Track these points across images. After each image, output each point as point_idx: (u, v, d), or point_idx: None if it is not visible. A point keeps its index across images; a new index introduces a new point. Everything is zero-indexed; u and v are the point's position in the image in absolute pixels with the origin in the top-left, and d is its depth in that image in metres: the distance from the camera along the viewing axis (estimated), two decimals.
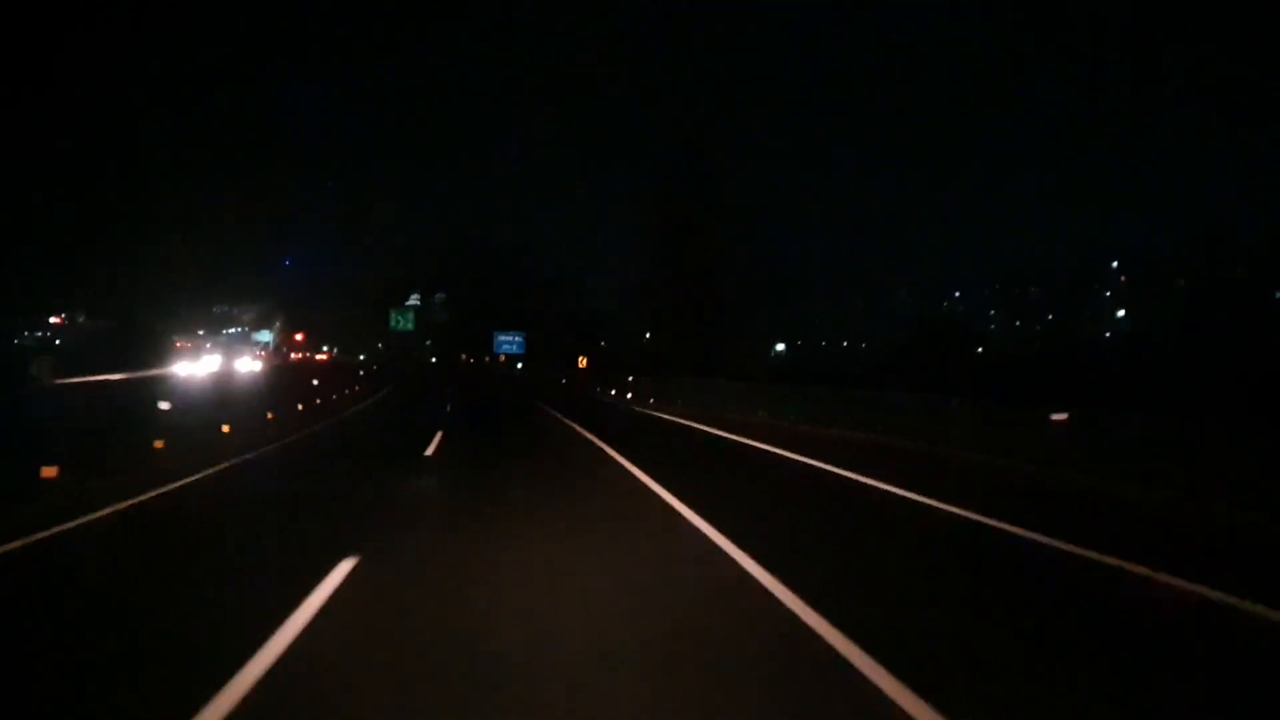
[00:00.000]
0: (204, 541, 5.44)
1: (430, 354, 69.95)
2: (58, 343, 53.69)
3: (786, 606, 3.66)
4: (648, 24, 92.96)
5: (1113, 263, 69.72)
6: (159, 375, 23.55)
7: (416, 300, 70.41)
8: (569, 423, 16.01)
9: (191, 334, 55.53)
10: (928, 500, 6.67)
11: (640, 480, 7.87)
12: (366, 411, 19.77)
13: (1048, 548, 5.04)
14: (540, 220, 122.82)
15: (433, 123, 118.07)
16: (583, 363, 37.86)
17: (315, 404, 19.03)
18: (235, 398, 16.18)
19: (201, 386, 19.00)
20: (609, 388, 30.00)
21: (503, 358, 54.91)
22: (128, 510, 6.09)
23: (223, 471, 8.33)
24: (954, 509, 6.27)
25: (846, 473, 8.40)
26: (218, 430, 11.41)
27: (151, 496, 6.63)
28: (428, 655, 3.07)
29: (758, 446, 11.31)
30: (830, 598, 3.72)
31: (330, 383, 25.12)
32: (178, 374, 24.86)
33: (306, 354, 58.89)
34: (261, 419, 13.90)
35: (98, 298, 52.69)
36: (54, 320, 60.14)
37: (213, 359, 37.37)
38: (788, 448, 10.75)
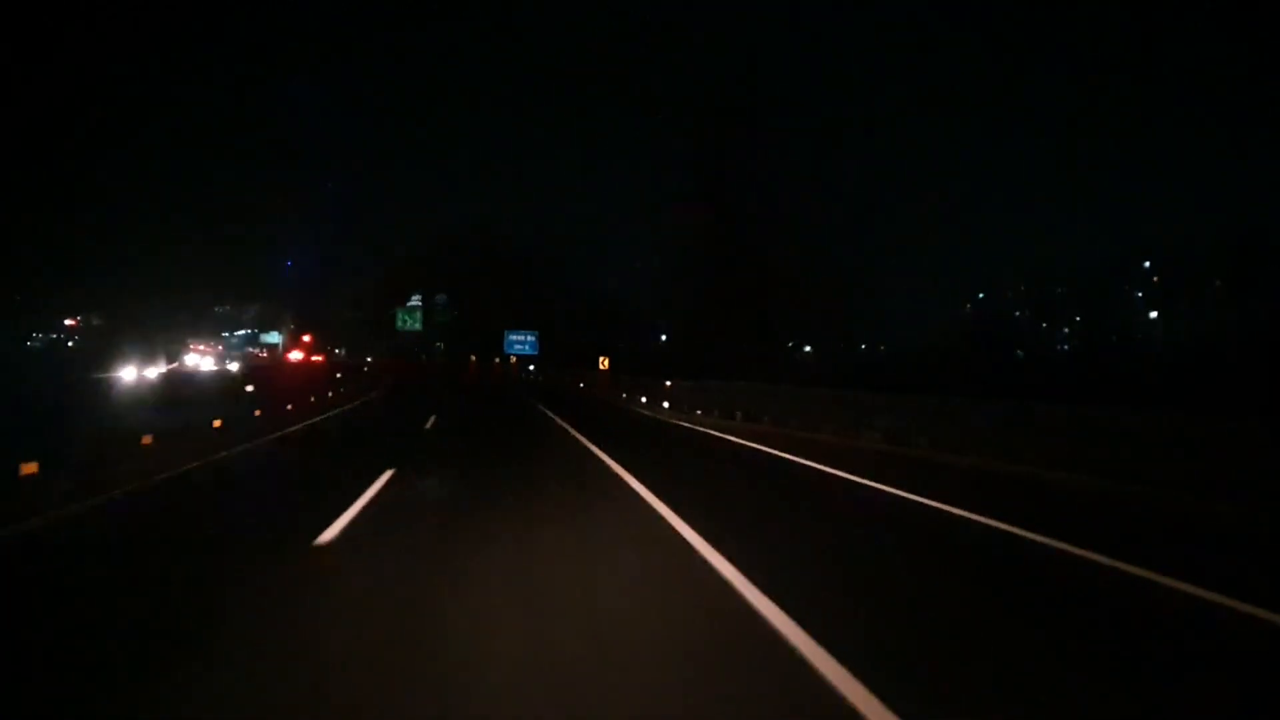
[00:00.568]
0: None
1: (440, 355, 67.56)
2: (70, 344, 52.86)
3: None
4: (661, 14, 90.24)
5: (1144, 263, 67.11)
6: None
7: (418, 301, 68.11)
8: (619, 472, 8.73)
9: (183, 338, 53.43)
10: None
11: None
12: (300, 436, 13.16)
13: None
14: (551, 217, 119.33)
15: (434, 122, 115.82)
16: (604, 365, 34.46)
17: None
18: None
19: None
20: (637, 393, 26.80)
21: (514, 359, 51.90)
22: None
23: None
24: None
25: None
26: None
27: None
28: None
29: (1008, 531, 5.83)
30: None
31: (284, 393, 19.68)
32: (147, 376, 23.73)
33: (307, 356, 56.41)
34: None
35: (104, 301, 51.81)
36: (69, 322, 58.82)
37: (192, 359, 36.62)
38: (1014, 520, 6.11)
